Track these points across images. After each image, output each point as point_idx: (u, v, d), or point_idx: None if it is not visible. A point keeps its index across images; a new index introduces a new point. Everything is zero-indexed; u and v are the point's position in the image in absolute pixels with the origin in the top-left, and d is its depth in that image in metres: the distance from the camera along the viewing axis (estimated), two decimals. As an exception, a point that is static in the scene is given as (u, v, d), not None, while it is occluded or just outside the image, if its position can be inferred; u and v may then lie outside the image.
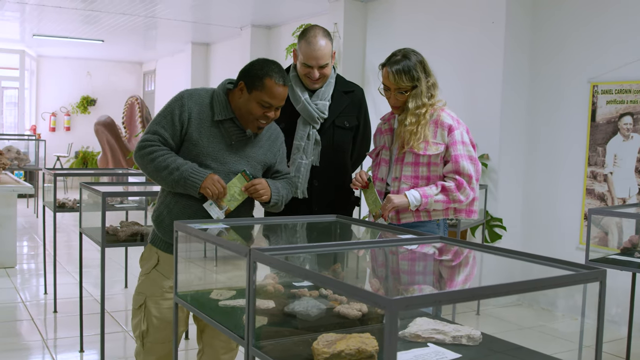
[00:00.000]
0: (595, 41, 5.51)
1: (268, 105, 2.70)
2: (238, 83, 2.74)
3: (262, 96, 2.68)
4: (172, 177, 2.67)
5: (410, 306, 1.37)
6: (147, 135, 2.75)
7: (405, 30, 7.38)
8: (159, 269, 2.83)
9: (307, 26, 3.38)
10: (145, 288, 2.86)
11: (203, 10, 9.56)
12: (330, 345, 1.77)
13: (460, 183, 2.93)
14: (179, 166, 2.67)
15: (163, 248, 2.83)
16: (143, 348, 2.87)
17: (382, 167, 3.15)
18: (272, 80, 2.67)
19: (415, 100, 2.98)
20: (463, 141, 2.98)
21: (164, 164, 2.68)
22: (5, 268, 6.79)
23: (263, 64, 2.73)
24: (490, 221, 5.99)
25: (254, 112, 2.71)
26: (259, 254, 1.84)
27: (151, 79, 16.14)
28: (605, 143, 5.40)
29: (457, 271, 2.22)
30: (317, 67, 3.20)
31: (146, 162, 2.72)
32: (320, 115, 3.27)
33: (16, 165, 9.92)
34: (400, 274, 2.29)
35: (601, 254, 4.24)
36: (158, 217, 2.84)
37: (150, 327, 2.83)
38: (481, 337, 2.02)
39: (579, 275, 1.76)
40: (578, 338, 4.68)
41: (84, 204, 4.65)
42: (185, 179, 2.66)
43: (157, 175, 2.72)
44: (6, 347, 4.53)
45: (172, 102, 2.79)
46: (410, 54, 3.02)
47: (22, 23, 11.11)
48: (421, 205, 2.92)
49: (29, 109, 15.42)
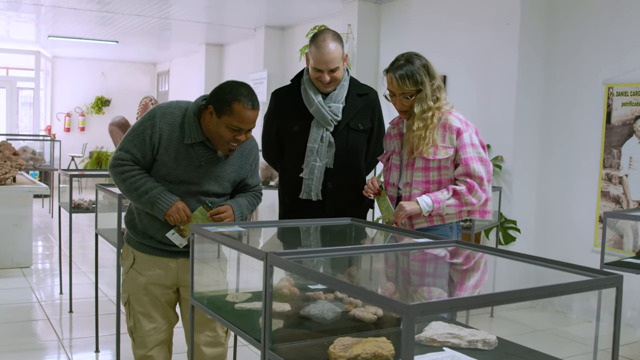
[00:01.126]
0: (611, 43, 5.49)
1: (238, 129, 2.69)
2: (208, 105, 2.72)
3: (231, 120, 2.66)
4: (141, 199, 2.76)
5: (427, 312, 1.38)
6: (120, 152, 2.80)
7: (419, 31, 7.37)
8: (136, 268, 2.94)
9: (320, 28, 3.40)
10: (127, 286, 2.97)
11: (217, 11, 9.60)
12: (347, 349, 1.79)
13: (472, 186, 2.93)
14: (148, 190, 2.75)
15: (137, 247, 2.94)
16: (135, 342, 2.98)
17: (393, 172, 3.15)
18: (240, 105, 2.65)
19: (421, 104, 2.97)
20: (472, 143, 2.98)
21: (134, 186, 2.76)
22: (21, 268, 6.85)
23: (232, 87, 2.70)
24: (505, 223, 5.98)
25: (224, 135, 2.70)
26: (276, 258, 1.85)
27: (165, 79, 16.20)
28: (621, 145, 5.38)
29: (472, 276, 2.22)
30: (328, 71, 3.22)
31: (118, 180, 2.82)
32: (333, 118, 3.29)
33: (31, 165, 10.00)
34: (416, 279, 2.29)
35: (616, 257, 4.23)
36: (130, 222, 2.97)
37: (136, 322, 2.95)
38: (497, 342, 2.02)
39: (596, 281, 1.76)
40: (592, 341, 4.66)
41: (99, 204, 4.69)
42: (152, 204, 2.75)
43: (128, 194, 2.83)
44: (22, 347, 4.57)
45: (145, 120, 2.80)
46: (414, 58, 3.01)
47: (37, 24, 11.19)
48: (433, 210, 2.92)
49: (44, 109, 15.53)
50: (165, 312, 2.96)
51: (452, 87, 6.83)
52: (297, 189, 3.35)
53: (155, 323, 2.94)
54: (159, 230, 2.85)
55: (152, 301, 2.92)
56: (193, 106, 2.80)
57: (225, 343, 3.03)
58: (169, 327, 3.00)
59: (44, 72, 15.35)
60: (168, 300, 2.96)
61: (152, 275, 2.90)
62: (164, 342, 2.98)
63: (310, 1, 8.46)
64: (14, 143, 9.23)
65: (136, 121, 2.87)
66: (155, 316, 2.93)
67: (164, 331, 2.97)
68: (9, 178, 6.82)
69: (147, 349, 2.94)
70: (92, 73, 16.03)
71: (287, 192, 3.43)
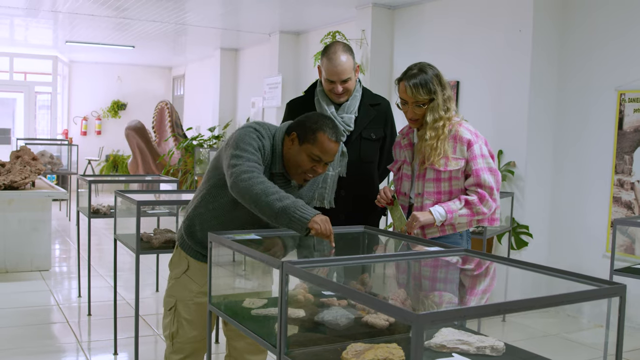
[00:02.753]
0: (623, 50, 5.52)
1: (318, 159, 2.69)
2: (291, 132, 2.74)
3: (313, 149, 2.67)
4: (281, 202, 2.51)
5: (436, 322, 1.45)
6: (251, 163, 2.63)
7: (432, 37, 7.43)
8: (189, 274, 2.97)
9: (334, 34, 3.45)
10: (176, 291, 3.00)
11: (232, 17, 9.70)
12: (359, 355, 1.86)
13: (483, 196, 2.99)
14: (289, 196, 2.56)
15: (193, 255, 2.95)
16: (172, 347, 3.02)
17: (404, 181, 3.22)
18: (325, 135, 2.67)
19: (433, 113, 3.03)
20: (482, 154, 3.04)
21: (273, 190, 2.56)
22: (40, 271, 6.97)
23: (318, 118, 2.74)
24: (517, 228, 6.02)
25: (303, 164, 2.71)
26: (291, 267, 1.92)
27: (180, 83, 16.34)
28: (632, 151, 5.41)
29: (481, 285, 2.29)
30: (340, 82, 3.30)
31: (254, 183, 2.57)
32: (346, 128, 3.37)
33: (49, 169, 10.15)
34: (426, 288, 2.36)
35: (627, 263, 4.27)
36: (188, 229, 2.93)
37: (179, 328, 2.99)
38: (504, 348, 2.09)
39: (600, 291, 1.83)
40: (602, 347, 4.70)
41: (117, 210, 4.79)
42: (296, 208, 2.51)
43: (263, 197, 2.54)
44: (41, 349, 4.67)
45: (255, 138, 2.71)
46: (427, 68, 3.08)
47: (55, 30, 11.35)
48: (446, 220, 2.99)
49: (61, 113, 15.71)
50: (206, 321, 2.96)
51: (465, 92, 6.89)
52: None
53: (197, 331, 2.99)
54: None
55: (199, 310, 2.96)
56: (280, 134, 2.78)
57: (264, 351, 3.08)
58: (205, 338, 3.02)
59: (61, 77, 15.54)
60: None
61: (205, 284, 2.88)
62: (200, 351, 3.04)
63: (325, 7, 8.54)
64: (32, 147, 9.39)
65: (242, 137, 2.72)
66: (198, 324, 2.98)
67: (202, 340, 3.02)
68: (28, 183, 6.95)
69: (183, 355, 3.00)
70: (109, 77, 16.20)
71: None
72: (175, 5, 8.73)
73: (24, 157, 7.17)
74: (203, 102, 14.10)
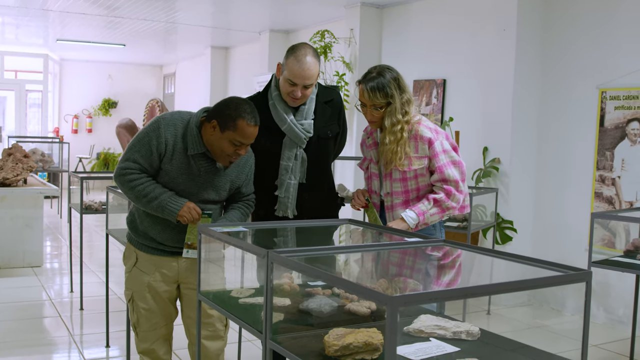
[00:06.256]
0: (604, 49, 5.65)
1: (239, 144, 2.85)
2: (211, 120, 2.87)
3: (234, 136, 2.82)
4: (151, 204, 2.90)
5: (409, 303, 1.55)
6: (127, 162, 2.93)
7: (420, 36, 7.54)
8: (139, 266, 3.12)
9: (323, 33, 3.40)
10: (131, 284, 3.15)
11: (223, 16, 9.78)
12: (340, 339, 1.96)
13: (449, 191, 3.09)
14: (158, 195, 2.89)
15: (140, 248, 3.12)
16: (138, 337, 3.18)
17: (373, 180, 3.30)
18: (244, 122, 2.81)
19: (391, 117, 3.08)
20: (444, 150, 3.12)
21: (144, 192, 2.90)
22: (32, 267, 7.04)
23: (236, 104, 2.85)
24: (502, 223, 6.14)
25: (226, 149, 2.86)
26: (276, 256, 2.02)
27: (171, 81, 16.40)
28: (614, 148, 5.54)
29: (455, 272, 2.40)
30: (302, 87, 3.15)
31: (126, 188, 2.93)
32: (306, 135, 3.25)
33: (41, 167, 10.20)
34: (403, 274, 2.47)
35: (606, 256, 4.39)
36: (131, 223, 3.14)
37: (140, 317, 3.13)
38: (479, 333, 2.19)
39: (567, 277, 1.93)
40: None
41: (109, 206, 4.87)
42: (163, 207, 2.89)
43: (137, 201, 2.95)
44: (35, 342, 4.75)
45: (150, 130, 2.94)
46: (385, 71, 3.13)
47: (46, 29, 11.40)
48: (419, 222, 3.08)
49: (52, 111, 15.74)
50: (166, 308, 3.15)
51: (452, 90, 7.00)
52: (272, 202, 3.30)
53: (157, 319, 3.13)
54: (159, 232, 3.03)
55: (155, 298, 3.11)
56: (195, 118, 2.95)
57: (224, 336, 3.22)
58: (169, 323, 3.20)
59: (52, 75, 15.57)
60: (169, 297, 3.14)
61: (155, 274, 3.08)
62: (164, 337, 3.19)
63: (314, 6, 8.64)
64: (24, 145, 9.44)
65: (140, 131, 3.01)
66: (157, 312, 3.12)
67: (164, 326, 3.17)
68: (20, 180, 7.01)
69: (149, 343, 3.15)
70: (99, 75, 16.24)
71: (261, 206, 3.32)
72: (165, 4, 8.81)
73: (15, 155, 7.22)
74: (194, 100, 14.16)
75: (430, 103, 7.17)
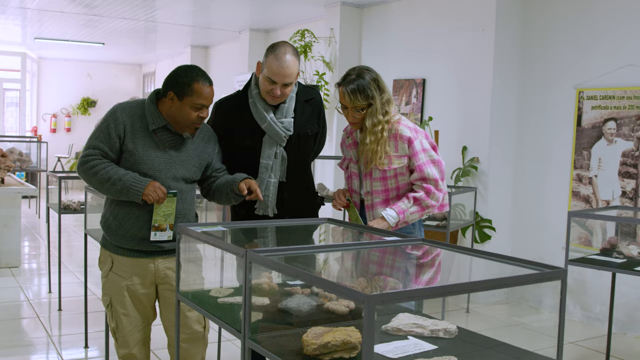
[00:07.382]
0: (581, 50, 5.71)
1: (200, 107, 2.92)
2: (167, 93, 2.92)
3: (194, 100, 2.89)
4: (115, 187, 2.86)
5: (386, 301, 1.56)
6: (88, 150, 2.94)
7: (400, 35, 7.57)
8: (115, 271, 3.08)
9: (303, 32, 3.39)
10: (108, 289, 3.11)
11: (203, 14, 9.75)
12: (318, 337, 1.96)
13: (429, 190, 3.12)
14: (121, 177, 2.87)
15: (115, 251, 3.07)
16: (117, 342, 3.14)
17: (353, 179, 3.32)
18: (199, 84, 2.90)
19: (372, 118, 3.11)
20: (424, 149, 3.15)
21: (107, 176, 2.87)
22: (10, 267, 6.97)
23: (186, 71, 2.94)
24: (480, 222, 6.19)
25: (189, 117, 2.92)
26: (255, 255, 2.03)
27: (151, 80, 16.32)
28: (590, 147, 5.60)
29: (433, 270, 2.42)
30: (281, 85, 3.15)
31: (89, 175, 2.92)
32: (286, 133, 3.24)
33: (19, 166, 10.10)
34: (382, 273, 2.48)
35: (583, 254, 4.44)
36: (105, 223, 3.08)
37: (119, 323, 3.10)
38: (457, 331, 2.21)
39: (543, 274, 1.96)
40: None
41: (88, 205, 4.84)
42: (128, 188, 2.86)
43: (101, 187, 2.92)
44: (13, 343, 4.72)
45: (107, 116, 2.98)
46: (365, 73, 3.15)
47: (23, 27, 11.29)
48: (399, 221, 3.11)
49: (30, 110, 15.60)
50: (144, 310, 3.12)
51: (432, 90, 7.03)
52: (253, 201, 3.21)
53: (135, 322, 3.10)
54: (135, 221, 2.97)
55: (133, 301, 3.07)
56: (150, 97, 3.00)
57: (203, 338, 3.18)
58: (147, 325, 3.17)
59: (30, 74, 15.42)
60: (147, 299, 3.11)
61: (133, 278, 3.05)
62: (143, 340, 3.16)
63: (294, 5, 8.64)
64: (1, 144, 9.36)
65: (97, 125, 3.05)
66: (135, 315, 3.09)
67: (142, 329, 3.13)
68: (-3, 179, 6.95)
69: (129, 348, 3.11)
70: (78, 74, 16.12)
71: (242, 205, 3.27)
72: (145, 3, 8.76)
73: (-7, 154, 7.15)
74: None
75: (410, 102, 7.20)
